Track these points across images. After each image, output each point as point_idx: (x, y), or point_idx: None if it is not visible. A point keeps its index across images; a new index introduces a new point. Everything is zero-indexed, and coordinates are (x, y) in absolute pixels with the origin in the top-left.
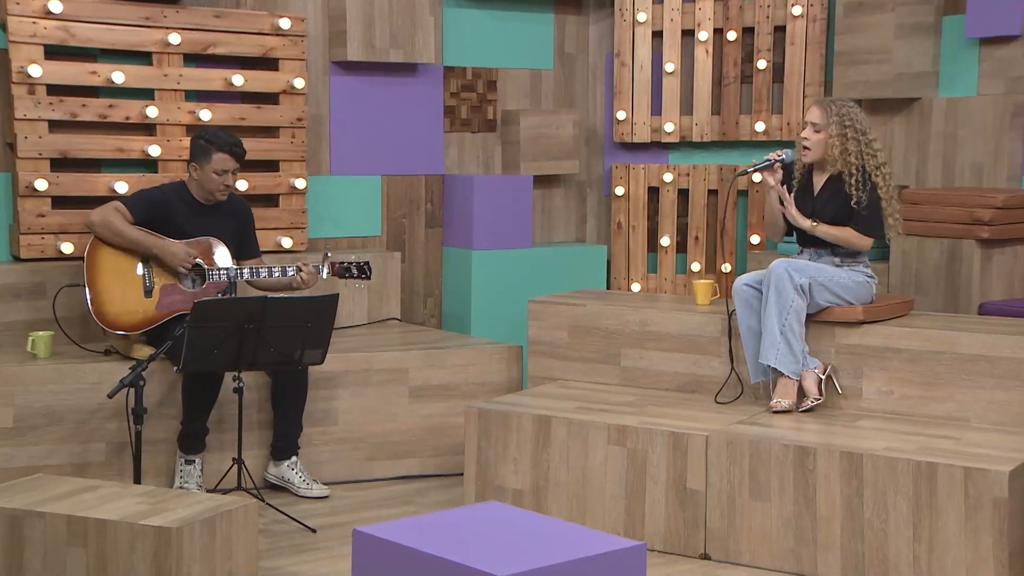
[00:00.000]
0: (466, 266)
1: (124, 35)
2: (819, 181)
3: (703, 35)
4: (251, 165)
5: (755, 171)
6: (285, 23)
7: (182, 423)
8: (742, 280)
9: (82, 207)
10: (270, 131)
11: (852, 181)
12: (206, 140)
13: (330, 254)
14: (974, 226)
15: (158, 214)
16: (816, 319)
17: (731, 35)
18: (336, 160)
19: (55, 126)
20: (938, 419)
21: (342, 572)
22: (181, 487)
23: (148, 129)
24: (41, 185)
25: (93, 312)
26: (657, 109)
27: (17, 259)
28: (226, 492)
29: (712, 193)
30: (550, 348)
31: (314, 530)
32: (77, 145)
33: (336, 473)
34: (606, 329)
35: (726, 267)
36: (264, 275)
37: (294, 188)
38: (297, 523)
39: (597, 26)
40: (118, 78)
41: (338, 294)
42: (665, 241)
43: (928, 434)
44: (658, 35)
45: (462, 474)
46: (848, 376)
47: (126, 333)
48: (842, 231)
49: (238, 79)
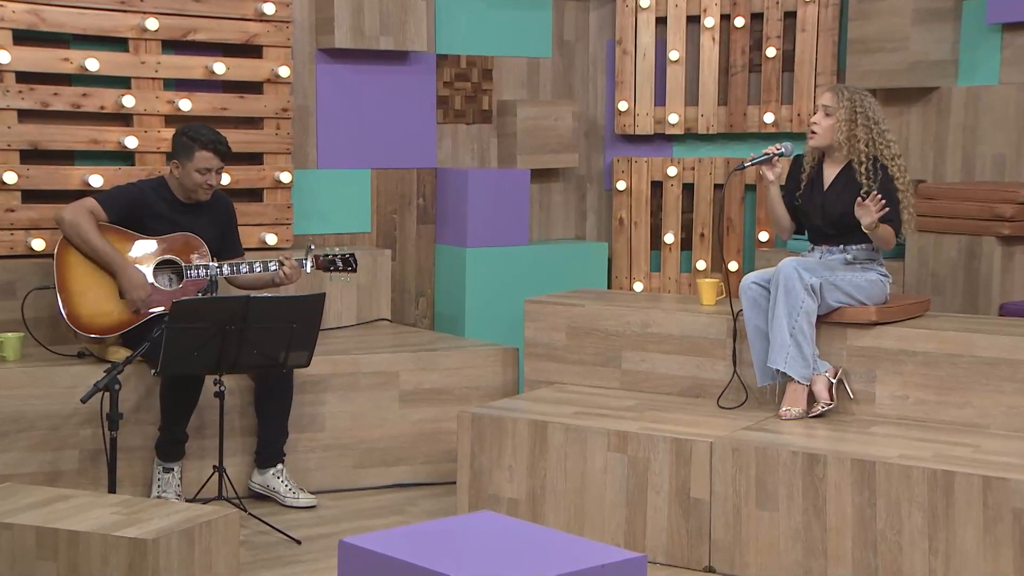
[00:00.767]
0: (460, 264)
1: (98, 20)
2: (830, 174)
3: (709, 21)
4: (234, 158)
5: (752, 165)
6: (269, 8)
7: (160, 429)
8: (750, 278)
9: (54, 202)
10: (253, 122)
11: (862, 170)
12: (188, 137)
13: (313, 247)
14: (994, 222)
15: (135, 212)
16: (827, 320)
17: (739, 21)
18: (323, 153)
19: (25, 116)
20: (955, 425)
21: None
22: (159, 496)
23: (124, 119)
24: (10, 178)
25: (65, 315)
26: (661, 99)
27: None
28: (206, 502)
29: (718, 188)
30: (547, 350)
31: (299, 541)
32: (49, 136)
33: (323, 481)
34: (606, 330)
35: (733, 265)
36: (245, 271)
37: (279, 182)
38: (281, 534)
39: (598, 12)
40: (92, 65)
41: (324, 293)
42: (669, 238)
43: (944, 441)
44: (662, 21)
45: (454, 482)
46: (860, 380)
47: (100, 336)
48: (888, 232)
49: (220, 67)
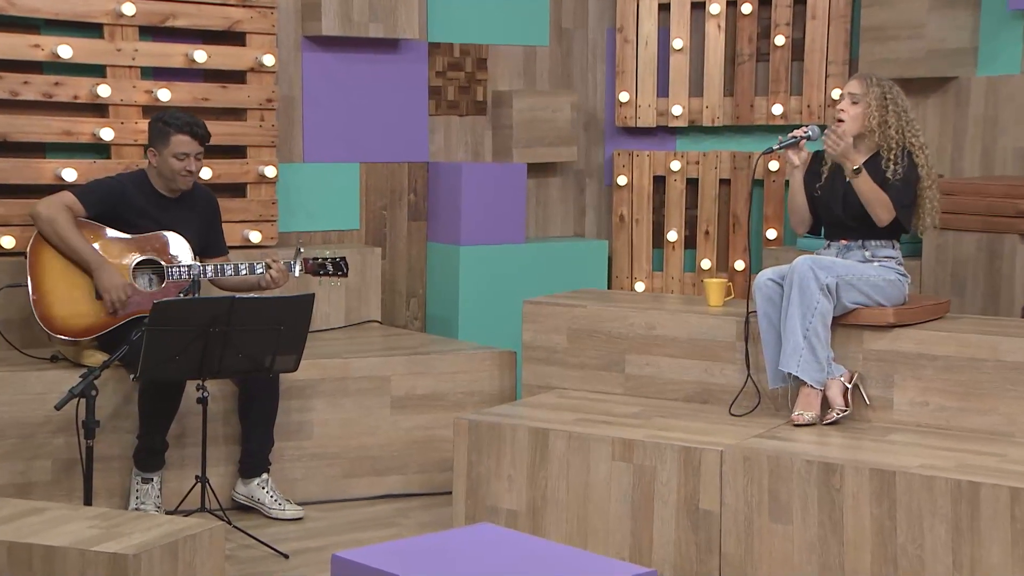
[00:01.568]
0: (453, 263)
1: (71, 4)
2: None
3: (715, 8)
4: (216, 151)
5: (780, 149)
6: None
7: (139, 437)
8: (765, 275)
9: (25, 197)
10: (236, 113)
11: (891, 156)
12: (163, 122)
13: (303, 249)
14: (1016, 219)
15: (114, 207)
16: (842, 322)
17: (746, 8)
18: (310, 146)
19: None
20: (978, 433)
21: None
22: (137, 508)
23: (99, 110)
24: None
25: (38, 315)
26: (664, 90)
27: None
28: (188, 514)
29: (724, 183)
30: (547, 354)
31: (286, 556)
32: (19, 127)
33: (310, 492)
34: (608, 333)
35: (739, 264)
36: (230, 273)
37: (263, 177)
38: (267, 548)
39: None
40: (65, 52)
41: (313, 294)
42: (672, 236)
43: (968, 450)
44: (665, 8)
45: (450, 493)
46: (877, 385)
47: (75, 339)
48: (881, 194)
49: (200, 55)
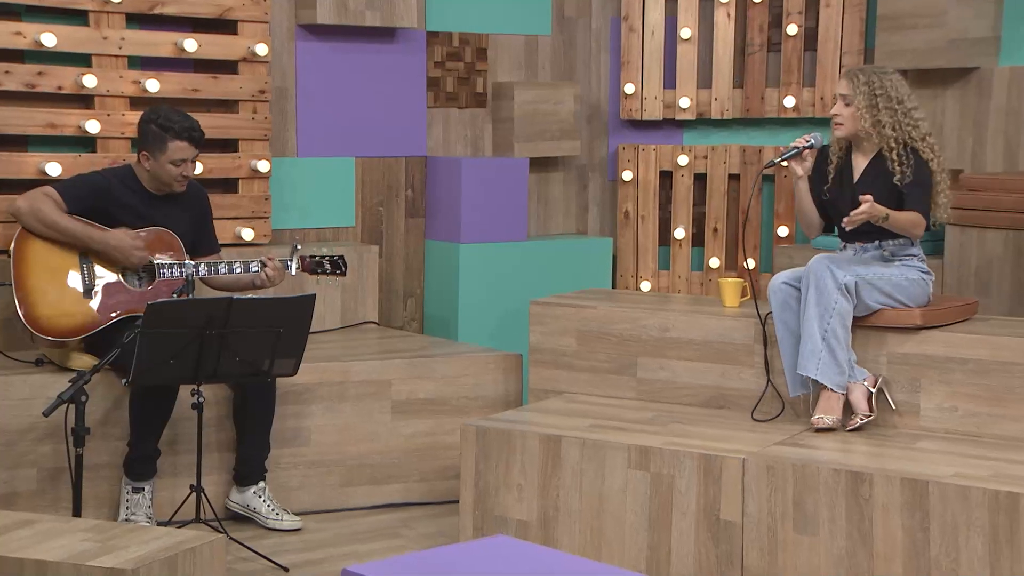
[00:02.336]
0: (452, 262)
1: None
2: (859, 165)
3: None
4: (206, 145)
5: (782, 161)
6: None
7: (129, 445)
8: (779, 278)
9: (6, 193)
10: (228, 105)
11: (894, 156)
12: (159, 126)
13: (300, 246)
14: None
15: (99, 203)
16: (864, 324)
17: None
18: (303, 140)
19: None
20: (1012, 441)
21: None
22: (127, 519)
23: (85, 101)
24: None
25: (23, 316)
26: (671, 82)
27: None
28: (182, 525)
29: (733, 178)
30: (555, 357)
31: (286, 568)
32: (0, 119)
33: (307, 501)
34: (620, 335)
35: (749, 263)
36: (223, 271)
37: (256, 171)
38: (266, 560)
39: None
40: (48, 40)
41: (314, 295)
42: (679, 233)
43: (1003, 458)
44: None
45: (453, 502)
46: (903, 390)
47: (62, 340)
48: (911, 216)
49: (190, 44)
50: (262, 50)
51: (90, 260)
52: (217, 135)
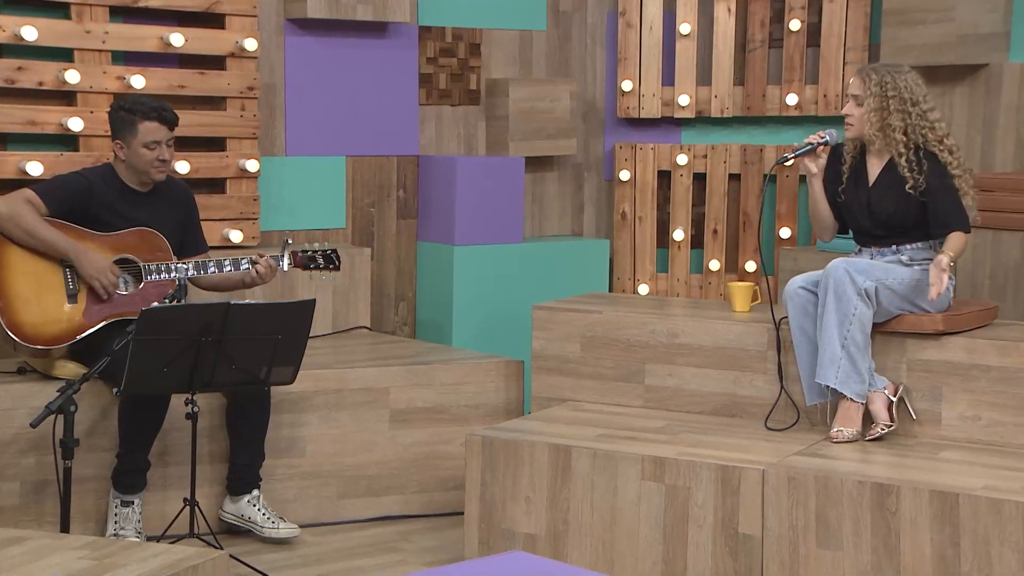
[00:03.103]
0: (446, 264)
1: None
2: (875, 168)
3: None
4: (193, 143)
5: (795, 158)
6: None
7: (118, 456)
8: (796, 282)
9: None
10: (215, 102)
11: (903, 162)
12: (126, 110)
13: (291, 241)
14: None
15: (80, 204)
16: (884, 329)
17: None
18: (292, 138)
19: None
20: None
21: None
22: (116, 535)
23: (66, 97)
24: None
25: (5, 324)
26: (669, 79)
27: None
28: (176, 540)
29: (734, 178)
30: (559, 363)
31: None
32: None
33: (302, 514)
34: (627, 341)
35: (750, 265)
36: (212, 270)
37: (244, 171)
38: None
39: None
40: (29, 34)
41: (314, 300)
42: (678, 235)
43: None
44: None
45: (454, 514)
46: (924, 398)
47: (46, 348)
48: (958, 241)
49: (176, 38)
50: (251, 45)
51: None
52: (204, 133)
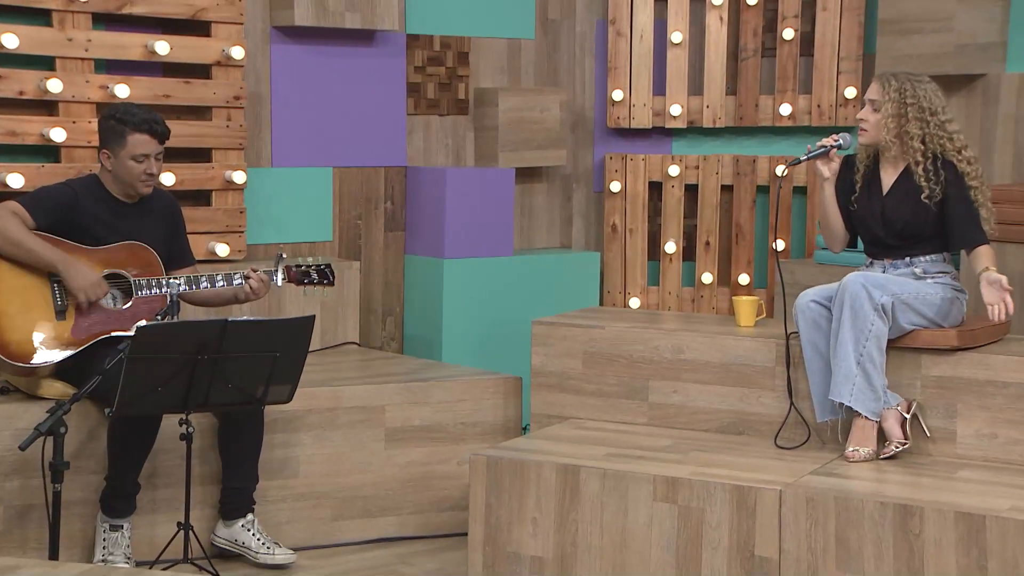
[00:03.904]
0: (436, 278)
1: None
2: (889, 177)
3: None
4: (178, 155)
5: (808, 159)
6: None
7: (107, 479)
8: (808, 296)
9: None
10: (200, 112)
11: (920, 171)
12: (116, 119)
13: (285, 255)
14: None
15: (67, 215)
16: (897, 345)
17: None
18: (279, 148)
19: None
20: None
21: None
22: (104, 560)
23: (48, 107)
24: None
25: None
26: (660, 88)
27: None
28: (169, 566)
29: (726, 189)
30: (559, 380)
31: None
32: None
33: (296, 537)
34: (631, 357)
35: (743, 278)
36: (205, 286)
37: (231, 183)
38: None
39: None
40: (9, 42)
41: (314, 316)
42: (670, 247)
43: None
44: None
45: (452, 535)
46: (938, 415)
47: (32, 366)
48: (985, 253)
49: (161, 46)
50: (238, 53)
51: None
52: (189, 144)
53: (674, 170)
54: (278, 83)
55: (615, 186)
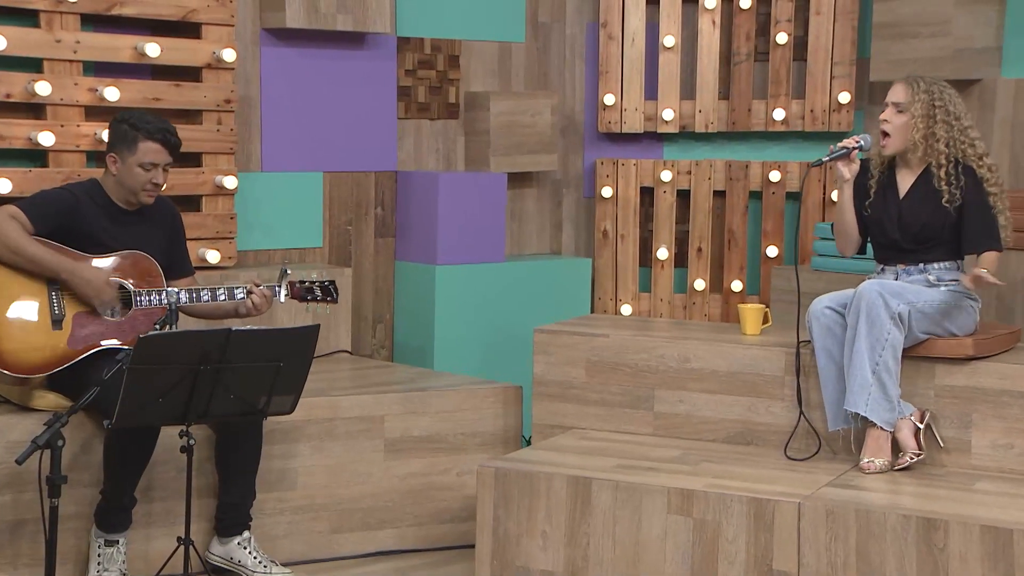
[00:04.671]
0: (428, 285)
1: None
2: (905, 182)
3: (710, 2)
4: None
5: (830, 161)
6: None
7: (103, 492)
8: (823, 302)
9: None
10: (191, 115)
11: (942, 174)
12: (131, 125)
13: (289, 271)
14: None
15: (67, 221)
16: (910, 354)
17: (744, 2)
18: (268, 153)
19: None
20: None
21: None
22: None
23: (36, 110)
24: None
25: None
26: (652, 92)
27: None
28: None
29: (719, 195)
30: (562, 389)
31: None
32: None
33: (293, 551)
34: (635, 365)
35: (736, 285)
36: (206, 298)
37: (222, 188)
38: None
39: None
40: None
41: (318, 326)
42: (662, 253)
43: None
44: (654, 1)
45: (450, 548)
46: (951, 425)
47: (28, 377)
48: (995, 259)
49: (152, 48)
50: (229, 56)
51: (59, 287)
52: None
53: (666, 175)
54: (268, 86)
55: (607, 191)
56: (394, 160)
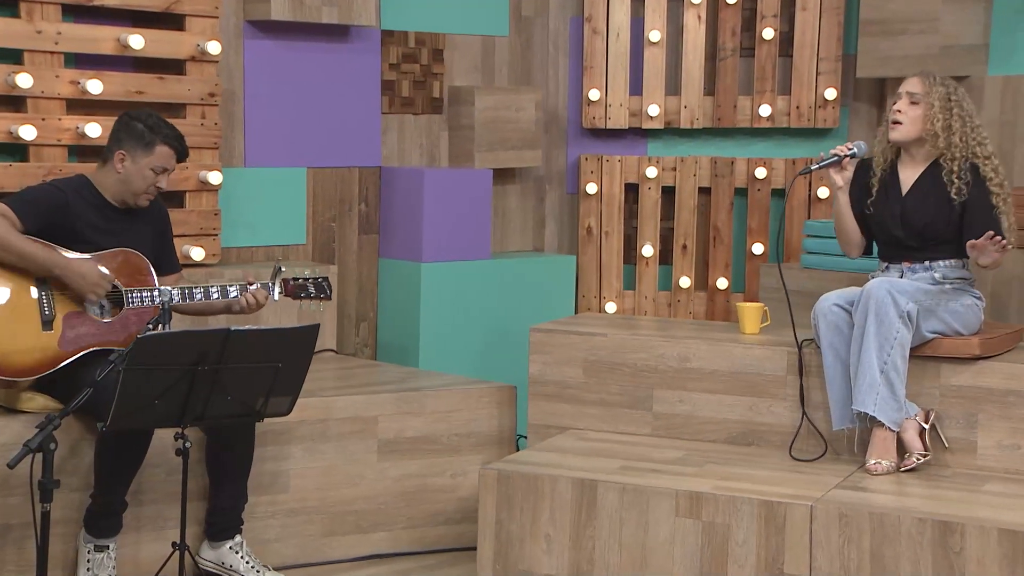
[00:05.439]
0: (413, 283)
1: None
2: (909, 177)
3: None
4: None
5: (820, 168)
6: None
7: (93, 496)
8: (830, 299)
9: None
10: (174, 109)
11: (954, 167)
12: (148, 126)
13: (283, 268)
14: None
15: (58, 219)
16: (916, 353)
17: None
18: (252, 148)
19: None
20: None
21: None
22: None
23: (15, 103)
24: None
25: None
26: (637, 88)
27: None
28: None
29: (704, 192)
30: (559, 389)
31: None
32: None
33: (286, 554)
34: (634, 365)
35: (721, 282)
36: (200, 297)
37: (206, 183)
38: None
39: None
40: None
41: (318, 325)
42: (646, 251)
43: None
44: None
45: (445, 551)
46: (957, 426)
47: (15, 379)
48: (999, 257)
49: (135, 40)
50: (214, 48)
51: (49, 287)
52: None
53: (651, 172)
54: (252, 80)
55: (591, 188)
56: (378, 155)
